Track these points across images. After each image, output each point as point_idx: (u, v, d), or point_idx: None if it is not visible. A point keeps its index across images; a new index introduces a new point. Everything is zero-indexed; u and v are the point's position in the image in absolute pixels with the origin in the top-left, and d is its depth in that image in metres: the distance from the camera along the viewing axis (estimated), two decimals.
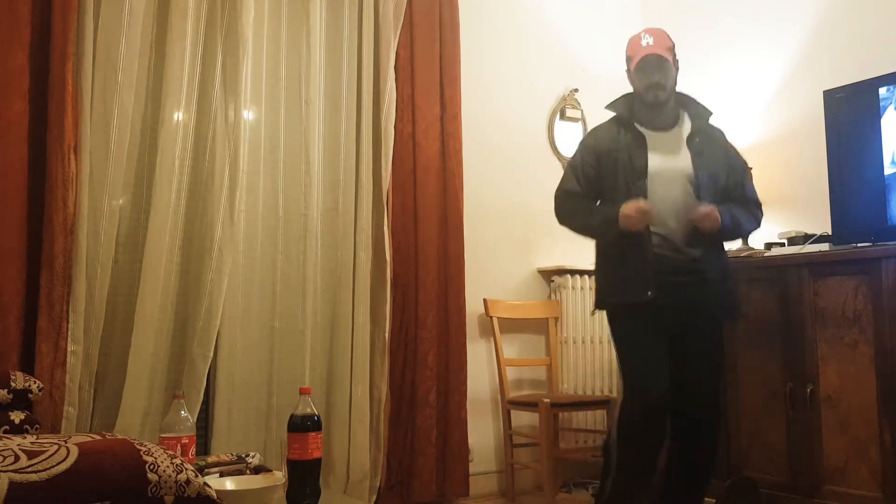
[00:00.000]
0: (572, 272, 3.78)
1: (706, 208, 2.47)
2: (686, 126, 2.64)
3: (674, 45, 2.64)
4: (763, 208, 3.34)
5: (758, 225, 2.71)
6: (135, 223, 2.86)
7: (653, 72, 2.57)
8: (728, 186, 2.62)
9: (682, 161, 2.57)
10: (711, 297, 2.52)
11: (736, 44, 3.79)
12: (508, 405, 3.45)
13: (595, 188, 2.66)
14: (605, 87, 4.17)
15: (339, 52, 3.27)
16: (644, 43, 2.60)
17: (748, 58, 3.71)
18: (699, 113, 2.67)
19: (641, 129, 2.61)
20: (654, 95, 2.58)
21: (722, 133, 2.72)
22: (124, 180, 2.81)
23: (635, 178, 2.54)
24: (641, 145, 2.58)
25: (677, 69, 2.65)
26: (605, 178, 2.62)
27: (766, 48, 3.64)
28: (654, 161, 2.56)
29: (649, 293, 2.47)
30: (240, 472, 2.09)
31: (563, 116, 4.00)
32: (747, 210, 2.64)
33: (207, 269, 2.88)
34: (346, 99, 3.26)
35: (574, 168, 2.70)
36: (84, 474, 1.28)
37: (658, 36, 2.62)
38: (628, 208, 2.45)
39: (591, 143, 2.70)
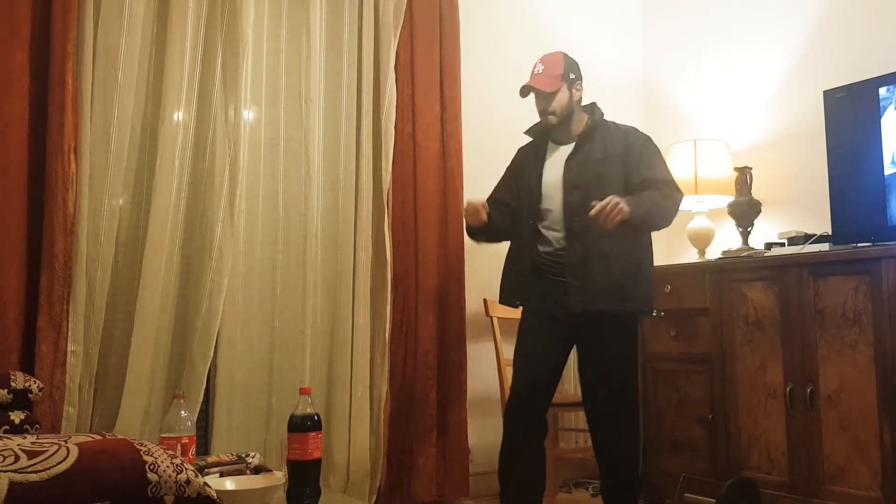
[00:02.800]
0: None
1: (605, 200, 2.46)
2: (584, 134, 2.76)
3: (566, 71, 2.74)
4: (763, 208, 3.37)
5: (674, 204, 2.68)
6: (135, 223, 2.86)
7: (539, 101, 2.78)
8: (637, 174, 2.67)
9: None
10: (603, 295, 2.60)
11: (736, 44, 3.79)
12: None
13: (513, 197, 2.88)
14: (604, 87, 4.18)
15: (339, 53, 3.27)
16: (536, 70, 2.78)
17: (748, 58, 3.71)
18: (595, 117, 2.78)
19: (549, 144, 2.82)
20: (545, 119, 2.77)
21: (624, 129, 2.77)
22: (124, 180, 2.81)
23: (533, 189, 2.76)
24: (542, 158, 2.80)
25: (575, 89, 2.76)
26: (520, 191, 2.83)
27: (766, 48, 3.64)
28: (548, 172, 2.75)
29: (517, 302, 2.78)
30: (240, 472, 2.09)
31: None
32: (659, 192, 2.65)
33: (207, 269, 2.88)
34: (346, 99, 3.26)
35: (502, 180, 2.97)
36: (84, 474, 1.28)
37: (550, 64, 2.76)
38: (467, 203, 2.75)
39: (516, 160, 2.95)
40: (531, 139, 2.94)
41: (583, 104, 2.83)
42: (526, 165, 2.84)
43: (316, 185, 3.16)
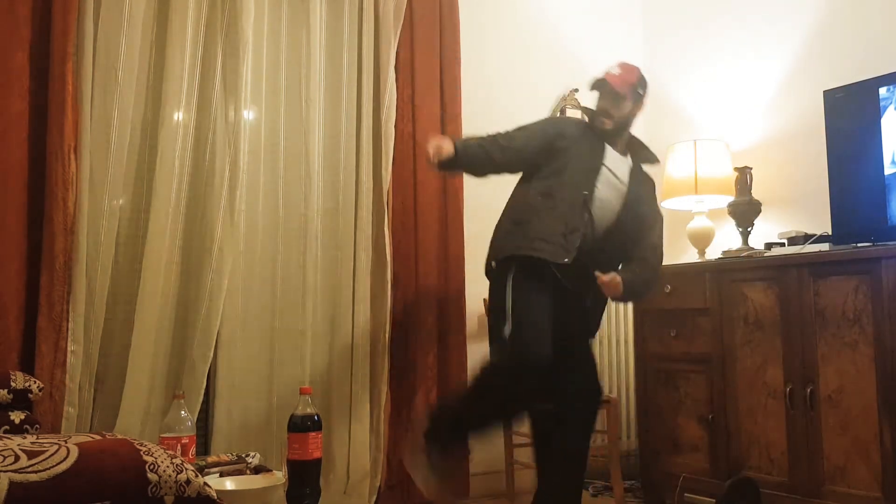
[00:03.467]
0: None
1: (609, 277, 2.56)
2: (629, 161, 2.78)
3: (637, 84, 2.74)
4: (762, 208, 3.37)
5: (657, 278, 2.81)
6: (135, 223, 2.86)
7: (604, 99, 2.73)
8: (645, 231, 2.75)
9: (621, 188, 2.69)
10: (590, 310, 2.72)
11: (736, 44, 3.79)
12: None
13: (521, 157, 2.74)
14: None
15: (339, 52, 3.27)
16: (611, 70, 2.75)
17: (748, 58, 3.71)
18: (646, 156, 2.82)
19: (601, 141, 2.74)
20: (599, 121, 2.72)
21: (653, 182, 2.87)
22: (124, 180, 2.81)
23: (586, 173, 2.64)
24: (600, 151, 2.70)
25: (637, 105, 2.75)
26: (548, 157, 2.68)
27: (766, 48, 3.64)
28: (603, 174, 2.67)
29: (566, 259, 2.56)
30: (240, 472, 2.10)
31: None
32: (652, 260, 2.76)
33: (207, 269, 2.89)
34: (346, 99, 3.26)
35: (530, 135, 2.75)
36: (84, 474, 1.28)
37: (627, 70, 2.75)
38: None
39: (560, 129, 2.77)
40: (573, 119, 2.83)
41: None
42: (577, 140, 2.70)
43: (316, 185, 3.16)
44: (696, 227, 3.54)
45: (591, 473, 3.75)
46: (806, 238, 2.98)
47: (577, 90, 4.02)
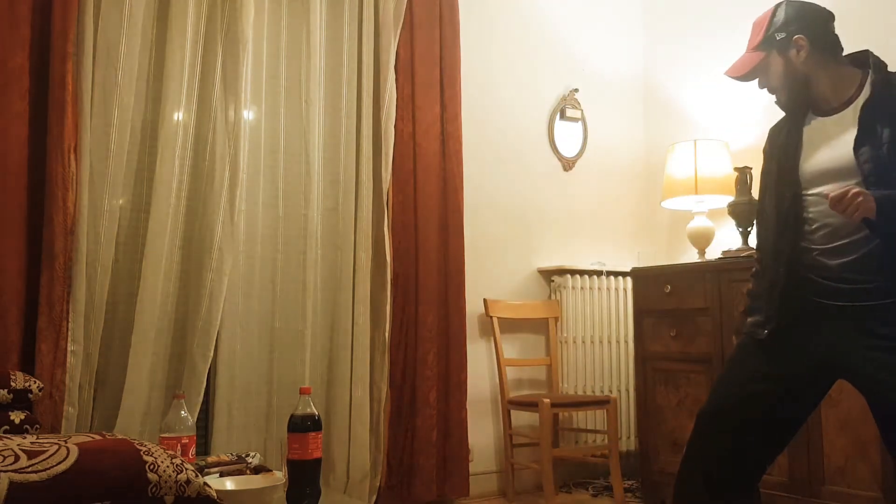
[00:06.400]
0: (572, 272, 3.78)
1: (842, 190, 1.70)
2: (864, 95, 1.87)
3: (767, 30, 2.19)
4: None
5: None
6: (135, 223, 2.86)
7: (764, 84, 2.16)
8: None
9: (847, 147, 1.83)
10: None
11: (736, 44, 3.78)
12: (508, 405, 3.45)
13: None
14: (604, 87, 4.18)
15: (339, 52, 3.27)
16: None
17: None
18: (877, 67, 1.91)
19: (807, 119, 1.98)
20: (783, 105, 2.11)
21: None
22: (124, 180, 2.81)
23: (786, 188, 1.92)
24: (797, 141, 1.97)
25: (789, 48, 2.06)
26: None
27: None
28: (815, 159, 1.91)
29: None
30: (240, 472, 2.09)
31: (563, 116, 4.00)
32: None
33: (207, 269, 2.88)
34: (346, 99, 3.26)
35: None
36: (84, 474, 1.28)
37: (753, 33, 2.22)
38: None
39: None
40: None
41: None
42: (772, 153, 2.12)
43: (316, 185, 3.16)
44: (696, 227, 3.54)
45: (591, 473, 3.76)
46: None
47: (576, 90, 4.03)
